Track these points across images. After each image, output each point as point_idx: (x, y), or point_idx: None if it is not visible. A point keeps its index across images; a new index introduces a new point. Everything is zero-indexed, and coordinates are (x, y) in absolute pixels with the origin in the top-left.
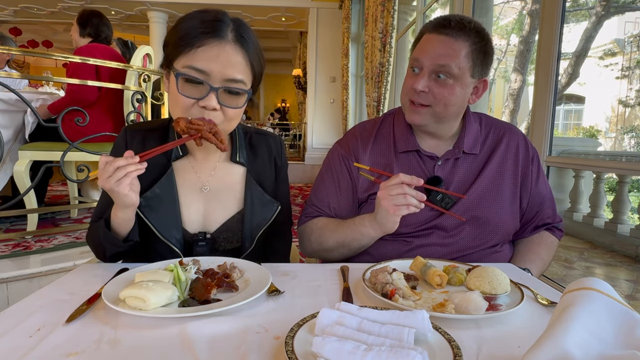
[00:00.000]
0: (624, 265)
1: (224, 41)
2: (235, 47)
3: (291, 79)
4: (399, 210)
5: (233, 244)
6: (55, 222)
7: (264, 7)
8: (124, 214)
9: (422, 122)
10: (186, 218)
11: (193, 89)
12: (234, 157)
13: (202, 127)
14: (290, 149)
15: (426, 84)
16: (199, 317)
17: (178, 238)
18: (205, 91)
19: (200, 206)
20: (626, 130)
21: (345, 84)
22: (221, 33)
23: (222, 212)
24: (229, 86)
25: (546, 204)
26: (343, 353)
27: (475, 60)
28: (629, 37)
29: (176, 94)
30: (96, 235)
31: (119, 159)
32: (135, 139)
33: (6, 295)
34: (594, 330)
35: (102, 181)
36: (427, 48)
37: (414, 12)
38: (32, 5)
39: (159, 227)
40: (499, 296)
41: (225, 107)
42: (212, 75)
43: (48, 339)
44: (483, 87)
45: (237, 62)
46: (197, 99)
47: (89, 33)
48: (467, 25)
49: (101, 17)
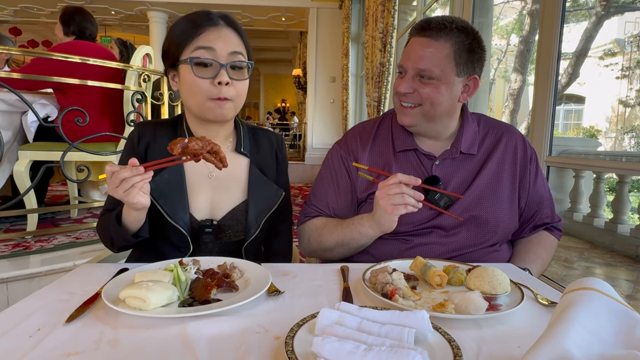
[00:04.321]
0: (624, 265)
1: (219, 26)
2: (228, 28)
3: (291, 79)
4: (396, 209)
5: (238, 233)
6: (55, 222)
7: (264, 7)
8: (136, 214)
9: (412, 122)
10: (194, 205)
11: (205, 70)
12: (238, 148)
13: (200, 151)
14: (290, 149)
15: (410, 85)
16: (199, 317)
17: (186, 221)
18: (217, 69)
19: (207, 194)
20: (626, 130)
21: (345, 84)
22: (214, 22)
23: (228, 200)
24: (233, 60)
25: (545, 204)
26: (343, 353)
27: (458, 59)
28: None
29: (192, 81)
30: (106, 228)
31: (124, 170)
32: (147, 131)
33: (6, 295)
34: (594, 330)
35: (111, 191)
36: (409, 53)
37: (414, 12)
38: (32, 5)
39: (168, 211)
40: (499, 296)
41: (234, 81)
42: (218, 52)
43: (48, 339)
44: (474, 85)
45: (233, 37)
46: (211, 77)
47: (72, 31)
48: (448, 25)
49: (84, 13)
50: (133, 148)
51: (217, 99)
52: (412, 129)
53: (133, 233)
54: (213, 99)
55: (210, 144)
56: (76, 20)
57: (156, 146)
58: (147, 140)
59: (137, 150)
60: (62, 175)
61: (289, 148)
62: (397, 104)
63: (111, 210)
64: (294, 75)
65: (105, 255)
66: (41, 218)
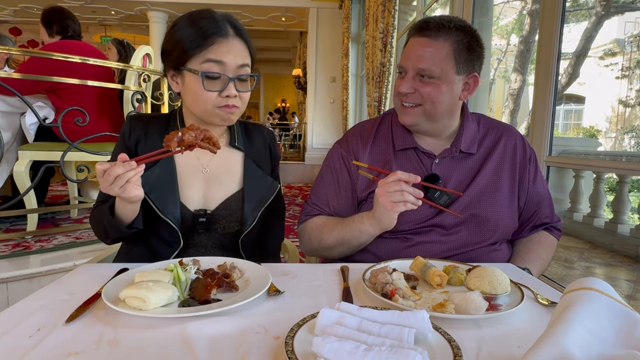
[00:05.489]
0: (624, 265)
1: (229, 37)
2: (237, 39)
3: (291, 79)
4: (396, 207)
5: (232, 224)
6: (55, 222)
7: (264, 7)
8: (131, 206)
9: (414, 122)
10: (187, 197)
11: (213, 83)
12: (232, 142)
13: (195, 141)
14: (290, 149)
15: (411, 85)
16: (199, 317)
17: (176, 216)
18: (225, 82)
19: (200, 186)
20: (626, 130)
21: (345, 84)
22: (224, 33)
23: (222, 191)
24: (240, 74)
25: (544, 204)
26: (343, 353)
27: (458, 58)
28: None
29: (199, 91)
30: (99, 219)
31: (116, 167)
32: (138, 126)
33: (6, 295)
34: (594, 330)
35: (105, 189)
36: (409, 53)
37: (414, 12)
38: (32, 5)
39: (159, 205)
40: (499, 296)
41: (240, 92)
42: (227, 66)
43: (48, 339)
44: (474, 83)
45: (241, 49)
46: (219, 90)
47: (56, 31)
48: (447, 24)
49: (63, 12)
50: (124, 142)
51: (225, 106)
52: (413, 128)
53: (127, 224)
54: (220, 106)
55: (202, 132)
56: (56, 19)
57: (147, 142)
58: (137, 135)
59: (128, 144)
60: (62, 175)
61: (289, 148)
62: (398, 104)
63: (104, 202)
64: (294, 75)
65: (105, 255)
66: (41, 218)
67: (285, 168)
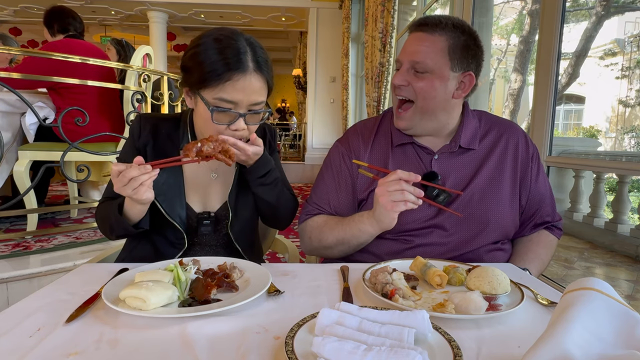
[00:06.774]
0: (624, 265)
1: (247, 72)
2: (256, 75)
3: (291, 79)
4: (396, 206)
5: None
6: (55, 222)
7: (264, 7)
8: (140, 207)
9: (408, 125)
10: (193, 200)
11: (224, 116)
12: None
13: (213, 152)
14: (290, 149)
15: (404, 78)
16: (199, 317)
17: (182, 218)
18: (235, 117)
19: (205, 188)
20: (626, 130)
21: (345, 84)
22: (244, 66)
23: (223, 191)
24: (253, 109)
25: (546, 202)
26: (343, 353)
27: (452, 54)
28: (629, 37)
29: (209, 121)
30: (106, 215)
31: (131, 169)
32: (147, 127)
33: (6, 296)
34: (594, 330)
35: (118, 189)
36: (406, 47)
37: (414, 12)
38: (32, 5)
39: (166, 208)
40: (499, 296)
41: (249, 125)
42: (239, 104)
43: (48, 339)
44: (469, 82)
45: (259, 87)
46: (228, 124)
47: (57, 30)
48: (444, 21)
49: (64, 10)
50: (133, 142)
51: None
52: (409, 131)
53: (134, 224)
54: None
55: (221, 144)
56: (56, 19)
57: (157, 145)
58: (146, 136)
59: (137, 145)
60: (62, 175)
61: (289, 148)
62: (394, 101)
63: (111, 198)
64: (294, 75)
65: (105, 255)
66: (41, 218)
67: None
